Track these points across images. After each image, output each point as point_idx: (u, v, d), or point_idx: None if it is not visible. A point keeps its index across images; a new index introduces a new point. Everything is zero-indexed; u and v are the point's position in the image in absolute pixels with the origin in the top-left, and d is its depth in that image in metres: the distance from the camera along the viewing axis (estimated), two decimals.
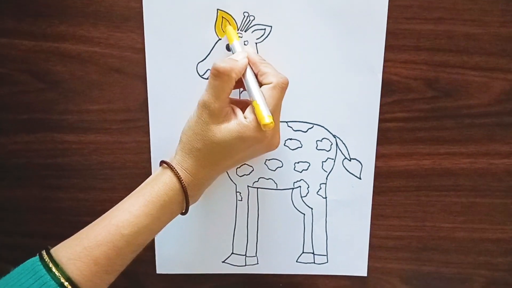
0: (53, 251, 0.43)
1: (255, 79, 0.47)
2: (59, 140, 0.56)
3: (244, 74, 0.47)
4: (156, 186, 0.46)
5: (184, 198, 0.47)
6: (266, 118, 0.43)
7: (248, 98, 0.47)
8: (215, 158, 0.47)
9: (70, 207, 0.58)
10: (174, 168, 0.46)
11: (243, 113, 0.47)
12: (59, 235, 0.58)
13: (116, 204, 0.46)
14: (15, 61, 0.53)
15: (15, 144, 0.56)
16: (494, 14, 0.51)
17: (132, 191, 0.56)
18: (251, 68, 0.47)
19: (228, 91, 0.45)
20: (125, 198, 0.46)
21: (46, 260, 0.41)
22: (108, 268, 0.43)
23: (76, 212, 0.58)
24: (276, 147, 0.49)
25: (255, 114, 0.45)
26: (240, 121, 0.45)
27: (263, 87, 0.46)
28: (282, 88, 0.46)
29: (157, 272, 0.59)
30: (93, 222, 0.45)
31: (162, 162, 0.48)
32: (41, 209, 0.58)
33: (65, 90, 0.54)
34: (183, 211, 0.48)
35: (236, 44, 0.49)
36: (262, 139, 0.46)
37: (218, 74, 0.44)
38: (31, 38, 0.53)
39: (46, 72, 0.54)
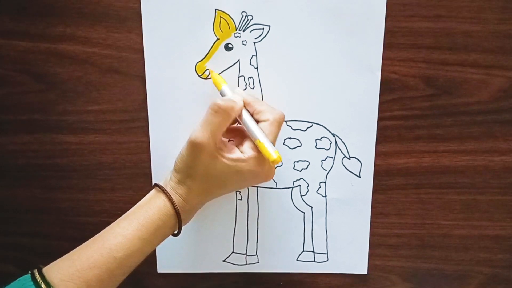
0: (45, 271, 0.42)
1: (252, 118, 0.48)
2: (58, 140, 0.56)
3: (240, 115, 0.48)
4: (150, 210, 0.46)
5: (176, 222, 0.48)
6: (274, 154, 0.45)
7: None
8: (210, 187, 0.48)
9: (69, 207, 0.58)
10: (168, 193, 0.47)
11: (239, 147, 0.48)
12: (59, 236, 0.59)
13: (115, 206, 0.46)
14: (13, 62, 0.53)
15: (14, 145, 0.56)
16: (493, 12, 0.51)
17: (131, 191, 0.57)
18: (246, 109, 0.49)
19: (224, 129, 0.47)
20: (118, 220, 0.46)
21: (38, 280, 0.41)
22: None
23: (76, 213, 0.58)
24: (271, 179, 0.51)
25: (254, 151, 0.47)
26: (238, 157, 0.47)
27: (260, 123, 0.48)
28: (279, 123, 0.48)
29: (158, 271, 0.60)
30: (85, 243, 0.45)
31: (156, 185, 0.49)
32: (40, 209, 0.58)
33: (64, 90, 0.54)
34: (175, 233, 0.49)
35: (226, 88, 0.50)
36: (259, 173, 0.48)
37: (219, 111, 0.45)
38: (29, 39, 0.53)
39: (45, 73, 0.54)
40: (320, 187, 0.57)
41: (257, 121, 0.48)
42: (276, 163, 0.46)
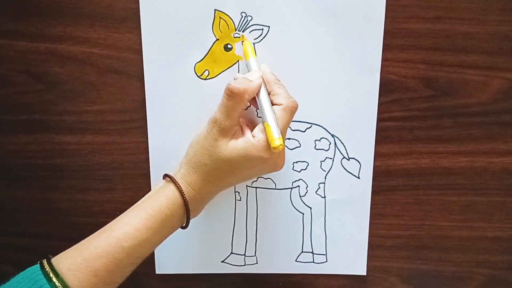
0: (54, 260, 0.43)
1: (269, 100, 0.48)
2: (57, 141, 0.56)
3: (258, 93, 0.48)
4: (158, 200, 0.46)
5: (185, 213, 0.47)
6: (276, 140, 0.45)
7: (259, 116, 0.48)
8: (219, 174, 0.47)
9: (68, 207, 0.58)
10: (177, 182, 0.47)
11: (251, 131, 0.47)
12: (58, 236, 0.59)
13: (114, 206, 0.46)
14: (13, 62, 0.53)
15: (13, 145, 0.56)
16: (492, 13, 0.51)
17: (130, 191, 0.57)
18: (265, 87, 0.48)
19: (239, 110, 0.46)
20: (127, 211, 0.47)
21: (46, 269, 0.41)
22: (107, 280, 0.43)
23: (75, 213, 0.58)
24: (281, 168, 0.50)
25: (263, 134, 0.46)
26: (248, 139, 0.46)
27: (273, 107, 0.47)
28: (292, 111, 0.47)
29: (156, 272, 0.60)
30: (94, 234, 0.45)
31: (166, 176, 0.48)
32: (39, 209, 0.58)
33: (63, 91, 0.54)
34: (184, 225, 0.49)
35: (252, 61, 0.50)
36: (268, 159, 0.46)
37: (231, 95, 0.45)
38: (29, 39, 0.53)
39: (44, 73, 0.54)
40: (319, 188, 0.57)
41: (271, 103, 0.48)
42: (277, 150, 0.45)
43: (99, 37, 0.52)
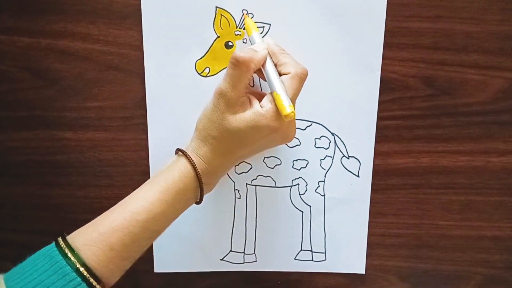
0: (69, 237, 0.43)
1: (275, 70, 0.47)
2: (57, 137, 0.56)
3: (264, 65, 0.47)
4: (171, 173, 0.46)
5: (198, 186, 0.47)
6: (287, 108, 0.43)
7: (266, 89, 0.47)
8: (230, 146, 0.47)
9: (68, 204, 0.58)
10: (189, 155, 0.46)
11: (260, 102, 0.46)
12: (58, 232, 0.59)
13: (114, 202, 0.46)
14: (14, 58, 0.53)
15: (14, 141, 0.56)
16: (492, 13, 0.51)
17: (130, 188, 0.57)
18: (271, 59, 0.47)
19: (245, 81, 0.45)
20: (141, 186, 0.47)
21: (62, 245, 0.42)
22: (123, 254, 0.43)
23: (75, 209, 0.58)
24: (292, 139, 0.49)
25: (272, 104, 0.45)
26: (257, 110, 0.45)
27: (282, 77, 0.46)
28: (301, 78, 0.46)
29: (155, 270, 0.59)
30: (109, 210, 0.45)
31: (178, 150, 0.48)
32: (39, 206, 0.58)
33: (63, 87, 0.54)
34: (198, 200, 0.48)
35: (255, 35, 0.49)
36: (278, 129, 0.45)
37: (237, 64, 0.44)
38: (30, 35, 0.53)
39: (45, 69, 0.54)
40: (319, 186, 0.57)
41: (279, 74, 0.46)
42: (289, 118, 0.44)
43: (100, 34, 0.52)
